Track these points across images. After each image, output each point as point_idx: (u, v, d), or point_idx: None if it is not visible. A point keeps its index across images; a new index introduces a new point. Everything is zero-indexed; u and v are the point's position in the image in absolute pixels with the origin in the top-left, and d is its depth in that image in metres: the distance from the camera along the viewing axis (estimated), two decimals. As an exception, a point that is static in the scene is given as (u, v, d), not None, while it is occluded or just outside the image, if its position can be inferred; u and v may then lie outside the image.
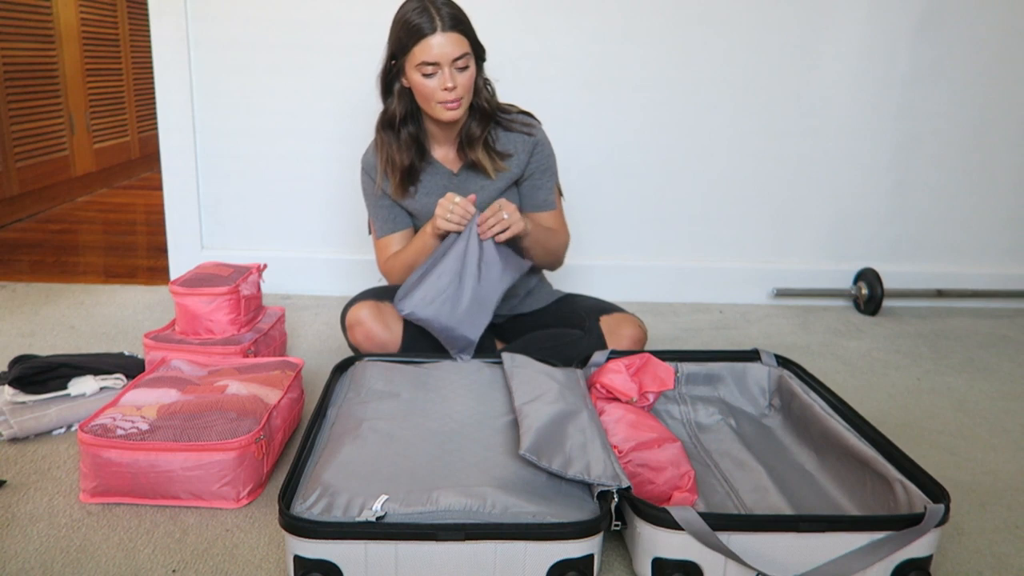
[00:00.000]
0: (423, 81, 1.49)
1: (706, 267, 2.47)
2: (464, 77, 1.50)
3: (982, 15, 2.30)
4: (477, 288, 1.51)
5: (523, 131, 1.64)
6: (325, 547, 1.01)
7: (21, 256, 2.76)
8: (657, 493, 1.20)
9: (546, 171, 1.68)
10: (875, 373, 1.95)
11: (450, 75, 1.48)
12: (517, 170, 1.65)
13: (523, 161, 1.65)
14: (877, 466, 1.20)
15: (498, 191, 1.65)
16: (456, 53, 1.47)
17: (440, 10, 1.46)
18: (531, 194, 1.68)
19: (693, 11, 2.26)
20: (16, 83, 3.17)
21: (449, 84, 1.48)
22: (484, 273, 1.51)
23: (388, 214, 1.68)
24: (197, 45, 2.26)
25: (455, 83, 1.48)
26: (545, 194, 1.68)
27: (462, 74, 1.49)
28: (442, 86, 1.49)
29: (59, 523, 1.20)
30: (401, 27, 1.48)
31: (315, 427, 1.27)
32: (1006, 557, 1.21)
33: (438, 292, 1.50)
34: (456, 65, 1.48)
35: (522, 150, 1.64)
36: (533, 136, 1.64)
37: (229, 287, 1.69)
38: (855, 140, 2.39)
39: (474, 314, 1.52)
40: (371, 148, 1.67)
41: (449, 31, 1.46)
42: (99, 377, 1.52)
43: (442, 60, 1.47)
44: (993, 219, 2.49)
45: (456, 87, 1.49)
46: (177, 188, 2.37)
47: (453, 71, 1.48)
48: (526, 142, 1.64)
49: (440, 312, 1.50)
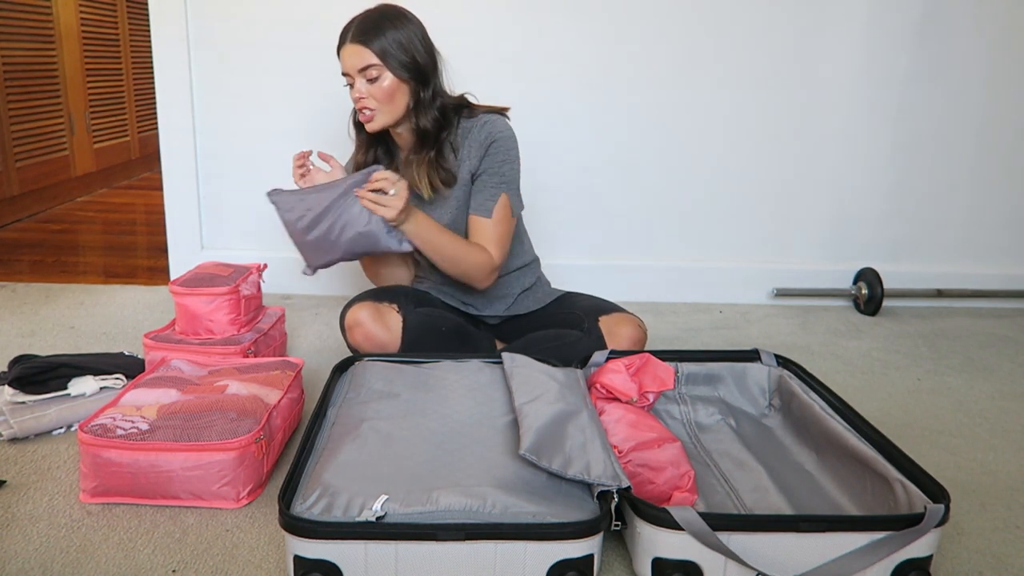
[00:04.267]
0: (349, 92, 1.56)
1: (706, 267, 2.47)
2: (374, 88, 1.52)
3: (982, 15, 2.30)
4: (327, 233, 1.50)
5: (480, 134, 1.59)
6: (325, 547, 1.01)
7: (21, 256, 2.76)
8: (657, 493, 1.20)
9: (495, 174, 1.59)
10: (875, 373, 1.95)
11: (360, 86, 1.52)
12: (468, 173, 1.61)
13: (475, 164, 1.60)
14: (877, 466, 1.20)
15: (460, 201, 1.63)
16: (360, 64, 1.50)
17: (354, 23, 1.52)
18: (475, 194, 1.62)
19: (693, 11, 2.27)
20: (16, 83, 3.17)
21: (355, 95, 1.53)
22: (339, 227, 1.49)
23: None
24: (197, 45, 2.26)
25: (361, 93, 1.52)
26: (484, 198, 1.59)
27: (371, 85, 1.52)
28: (354, 96, 1.54)
29: (59, 523, 1.20)
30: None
31: (315, 427, 1.27)
32: (1006, 557, 1.21)
33: (302, 209, 1.50)
34: (365, 75, 1.51)
35: (475, 154, 1.60)
36: (490, 136, 1.59)
37: (229, 287, 1.69)
38: (855, 140, 2.39)
39: (316, 250, 1.54)
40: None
41: (353, 43, 1.50)
42: (99, 377, 1.52)
43: (350, 71, 1.52)
44: (993, 219, 2.49)
45: (364, 97, 1.53)
46: (177, 188, 2.37)
47: (361, 82, 1.52)
48: (480, 142, 1.59)
49: (290, 224, 1.53)
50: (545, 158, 2.34)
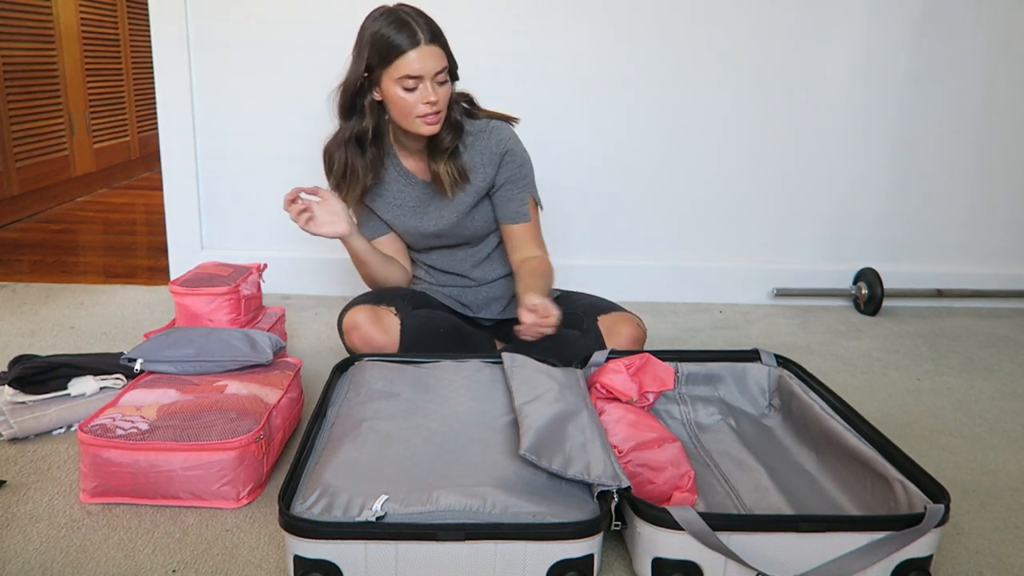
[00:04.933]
0: (403, 95, 1.49)
1: (706, 267, 2.47)
2: (443, 91, 1.51)
3: (982, 15, 2.30)
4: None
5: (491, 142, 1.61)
6: (325, 547, 1.01)
7: (21, 256, 2.76)
8: (657, 493, 1.20)
9: (518, 181, 1.64)
10: (875, 373, 1.95)
11: (432, 89, 1.48)
12: (483, 183, 1.63)
13: (490, 173, 1.63)
14: (877, 466, 1.20)
15: (468, 206, 1.65)
16: (437, 67, 1.48)
17: (420, 24, 1.47)
18: (503, 205, 1.65)
19: (693, 11, 2.26)
20: (16, 83, 3.17)
21: (432, 98, 1.48)
22: None
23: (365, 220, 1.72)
24: (197, 45, 2.26)
25: (437, 97, 1.49)
26: (518, 205, 1.65)
27: (442, 88, 1.50)
28: (423, 100, 1.48)
29: (59, 523, 1.20)
30: (379, 40, 1.47)
31: (315, 427, 1.27)
32: (1006, 557, 1.21)
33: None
34: (437, 79, 1.49)
35: (489, 161, 1.62)
36: (502, 145, 1.61)
37: (229, 287, 1.69)
38: (855, 139, 2.39)
39: None
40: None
41: (431, 44, 1.47)
42: (99, 377, 1.52)
43: (424, 73, 1.47)
44: (993, 219, 2.49)
45: (437, 101, 1.49)
46: (177, 188, 2.37)
47: (434, 85, 1.48)
48: (493, 152, 1.61)
49: None
50: (545, 158, 2.33)
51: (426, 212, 1.67)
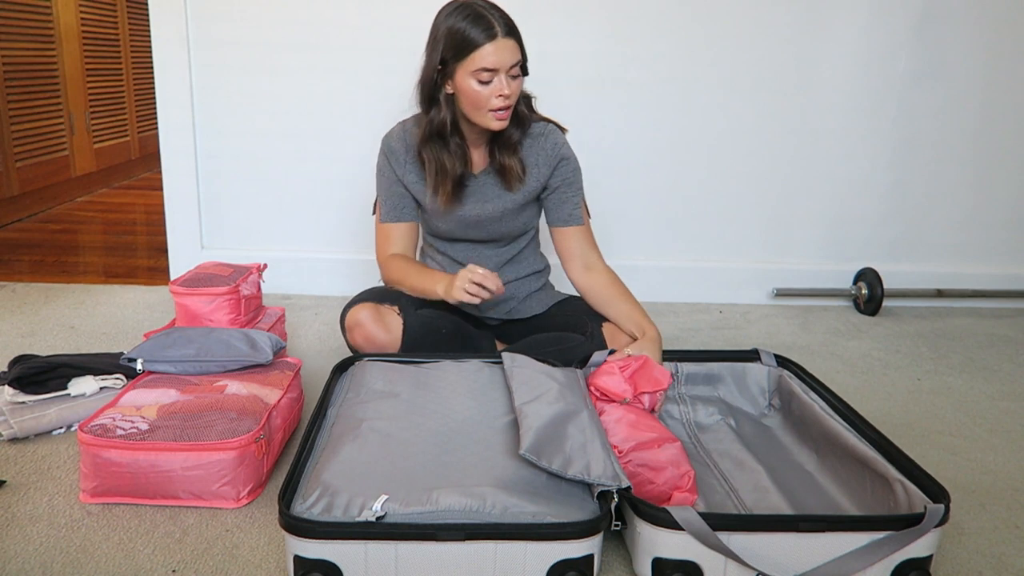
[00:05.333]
0: (477, 88, 1.48)
1: (706, 267, 2.47)
2: (516, 85, 1.50)
3: (982, 15, 2.30)
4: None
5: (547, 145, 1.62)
6: (325, 547, 1.01)
7: (21, 256, 2.76)
8: (657, 493, 1.20)
9: (571, 184, 1.66)
10: (875, 373, 1.95)
11: (506, 82, 1.47)
12: (537, 184, 1.64)
13: (544, 175, 1.63)
14: (877, 466, 1.20)
15: (516, 204, 1.65)
16: (513, 60, 1.47)
17: (496, 17, 1.46)
18: (556, 207, 1.66)
19: (693, 12, 2.26)
20: (16, 83, 3.17)
21: (506, 91, 1.47)
22: None
23: (398, 203, 1.66)
24: (197, 45, 2.26)
25: (510, 90, 1.48)
26: (571, 208, 1.66)
27: (515, 82, 1.49)
28: (497, 93, 1.47)
29: (59, 523, 1.20)
30: (455, 32, 1.46)
31: (315, 427, 1.27)
32: (1006, 557, 1.21)
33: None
34: (510, 73, 1.48)
35: (544, 163, 1.63)
36: (557, 150, 1.63)
37: (229, 287, 1.69)
38: (855, 140, 2.39)
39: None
40: (396, 133, 1.63)
41: (507, 37, 1.46)
42: (99, 377, 1.52)
43: (500, 67, 1.46)
44: (993, 219, 2.49)
45: (511, 95, 1.48)
46: (177, 188, 2.37)
47: (508, 79, 1.48)
48: (550, 155, 1.62)
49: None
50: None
51: (472, 200, 1.65)
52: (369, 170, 2.29)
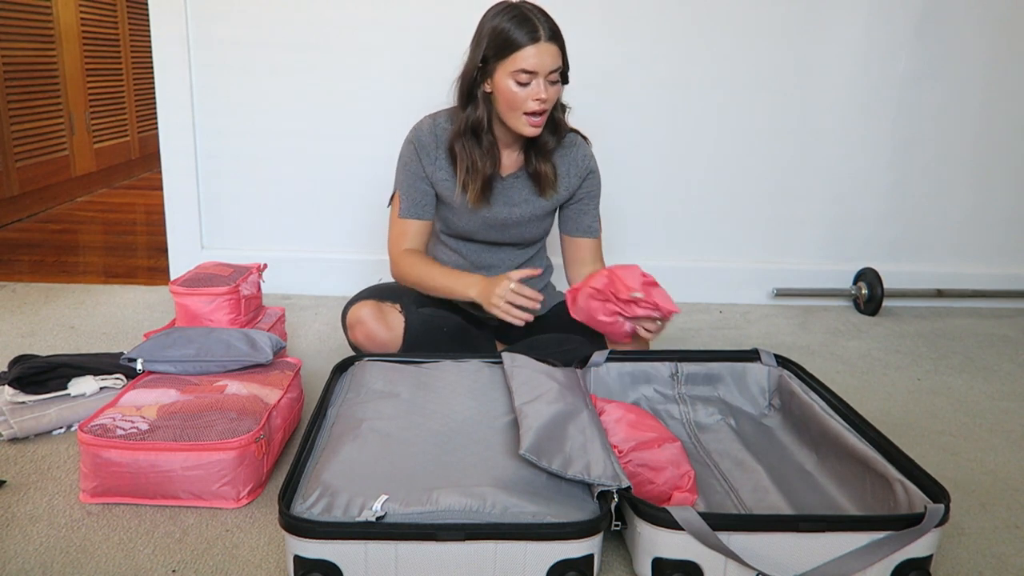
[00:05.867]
0: (514, 89, 1.48)
1: (706, 267, 2.47)
2: (554, 91, 1.50)
3: (982, 15, 2.30)
4: None
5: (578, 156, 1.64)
6: (325, 547, 1.01)
7: (21, 256, 2.76)
8: (657, 493, 1.20)
9: (595, 197, 1.69)
10: (875, 373, 1.95)
11: (544, 86, 1.47)
12: (566, 193, 1.65)
13: (573, 185, 1.65)
14: (877, 466, 1.20)
15: (544, 210, 1.65)
16: (553, 65, 1.47)
17: (541, 21, 1.47)
18: (576, 218, 1.68)
19: (692, 11, 2.26)
20: (16, 83, 3.16)
21: (543, 95, 1.47)
22: None
23: (420, 199, 1.63)
24: (197, 45, 2.26)
25: (548, 95, 1.48)
26: (590, 220, 1.69)
27: (553, 88, 1.49)
28: (534, 96, 1.47)
29: (59, 523, 1.20)
30: (499, 32, 1.47)
31: (315, 427, 1.27)
32: (1006, 557, 1.21)
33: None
34: (550, 78, 1.48)
35: (575, 174, 1.64)
36: (587, 162, 1.65)
37: (229, 287, 1.69)
38: (855, 140, 2.39)
39: None
40: (427, 126, 1.62)
41: (550, 42, 1.46)
42: (99, 377, 1.52)
43: (540, 70, 1.46)
44: (993, 219, 2.49)
45: (547, 100, 1.48)
46: (177, 188, 2.37)
47: (547, 83, 1.48)
48: (580, 167, 1.64)
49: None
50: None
51: (500, 202, 1.64)
52: (370, 169, 2.30)
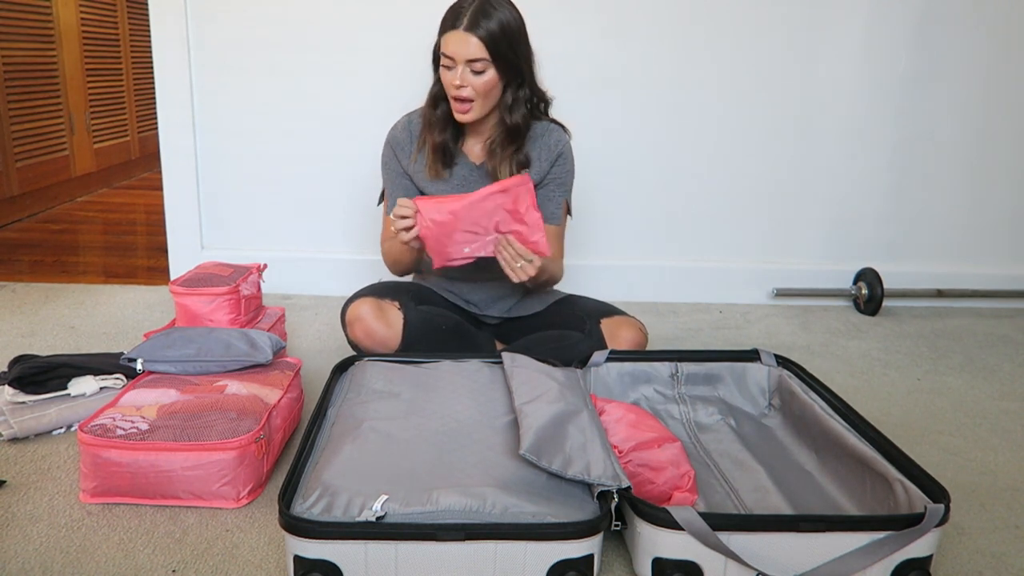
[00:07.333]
0: (443, 71, 1.53)
1: (706, 267, 2.47)
2: (477, 81, 1.50)
3: (982, 15, 2.30)
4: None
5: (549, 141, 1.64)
6: (325, 547, 1.01)
7: (21, 256, 2.76)
8: (657, 493, 1.20)
9: (561, 184, 1.68)
10: (875, 373, 1.95)
11: (463, 74, 1.49)
12: (536, 177, 1.65)
13: (544, 170, 1.65)
14: (877, 466, 1.20)
15: None
16: (470, 55, 1.48)
17: (469, 11, 1.47)
18: (540, 204, 1.66)
19: (693, 11, 2.26)
20: (16, 83, 3.16)
21: (458, 81, 1.50)
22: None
23: (402, 194, 1.67)
24: (197, 45, 2.26)
25: (464, 82, 1.50)
26: (553, 207, 1.68)
27: (476, 77, 1.50)
28: (451, 81, 1.51)
29: (59, 523, 1.20)
30: (445, 14, 1.52)
31: (315, 427, 1.27)
32: (1006, 557, 1.21)
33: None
34: (472, 67, 1.49)
35: (545, 158, 1.65)
36: (559, 147, 1.65)
37: (229, 287, 1.69)
38: (855, 140, 2.39)
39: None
40: (402, 124, 1.67)
41: (468, 32, 1.47)
42: (99, 377, 1.52)
43: (456, 57, 1.49)
44: (993, 219, 2.49)
45: (465, 87, 1.50)
46: (177, 188, 2.37)
47: (466, 71, 1.49)
48: (551, 151, 1.65)
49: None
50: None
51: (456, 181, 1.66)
52: (369, 170, 2.29)
